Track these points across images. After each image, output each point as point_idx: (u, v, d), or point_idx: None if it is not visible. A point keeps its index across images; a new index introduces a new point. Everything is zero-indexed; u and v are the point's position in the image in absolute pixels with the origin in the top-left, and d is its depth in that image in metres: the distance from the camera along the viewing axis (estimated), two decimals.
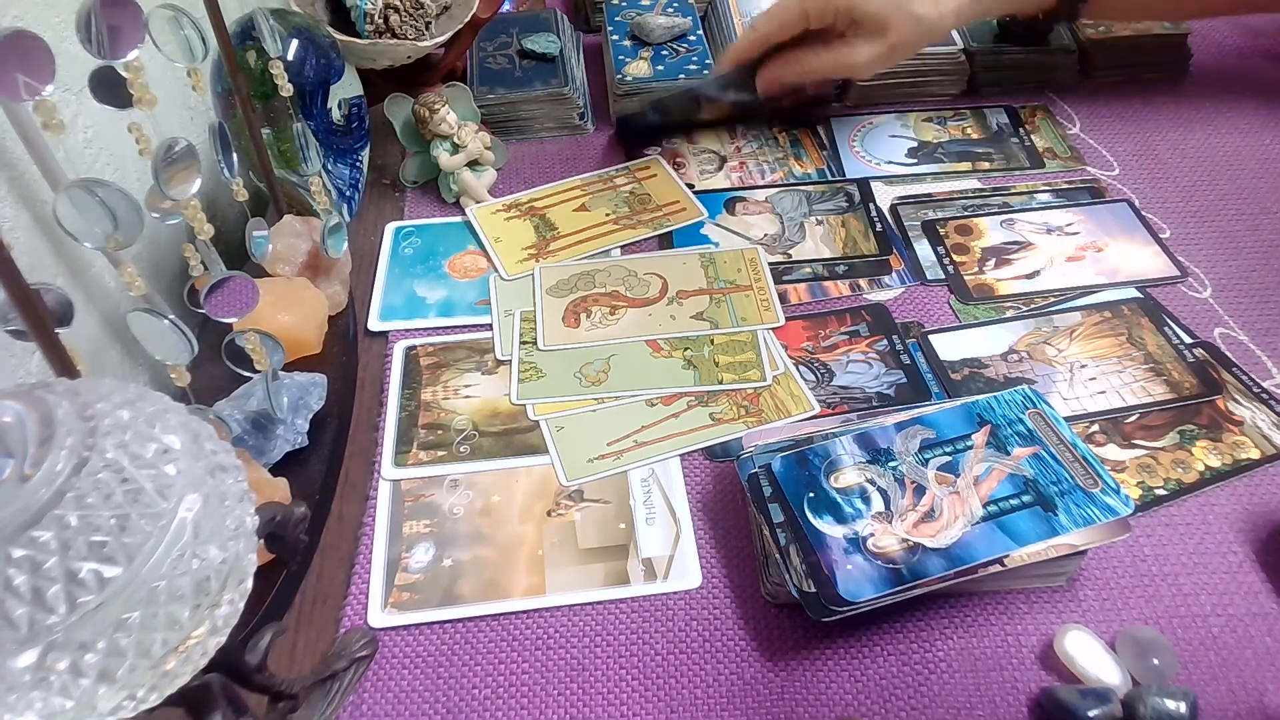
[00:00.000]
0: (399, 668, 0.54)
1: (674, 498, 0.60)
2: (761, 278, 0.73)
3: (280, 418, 0.60)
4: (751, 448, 0.56)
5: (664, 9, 0.94)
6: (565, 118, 0.89)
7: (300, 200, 0.74)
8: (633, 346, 0.68)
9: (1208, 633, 0.53)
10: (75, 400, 0.32)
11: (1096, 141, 0.84)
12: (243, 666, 0.43)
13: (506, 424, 0.65)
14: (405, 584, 0.57)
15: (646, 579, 0.56)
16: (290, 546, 0.46)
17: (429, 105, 0.79)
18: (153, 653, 0.31)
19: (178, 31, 0.54)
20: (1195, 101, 0.88)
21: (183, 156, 0.52)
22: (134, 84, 0.50)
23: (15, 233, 0.55)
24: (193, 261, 0.57)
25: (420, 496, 0.61)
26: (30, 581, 0.28)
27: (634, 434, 0.63)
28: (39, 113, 0.44)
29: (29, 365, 0.56)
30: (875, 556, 0.50)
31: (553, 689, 0.52)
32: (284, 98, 0.67)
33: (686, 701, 0.51)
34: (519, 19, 0.95)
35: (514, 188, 0.83)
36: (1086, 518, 0.51)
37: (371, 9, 0.82)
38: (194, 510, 0.32)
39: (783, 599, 0.54)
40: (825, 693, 0.51)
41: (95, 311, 0.63)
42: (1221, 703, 0.50)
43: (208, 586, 0.32)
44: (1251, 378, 0.64)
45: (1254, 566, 0.55)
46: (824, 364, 0.67)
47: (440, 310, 0.73)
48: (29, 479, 0.29)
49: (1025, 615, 0.54)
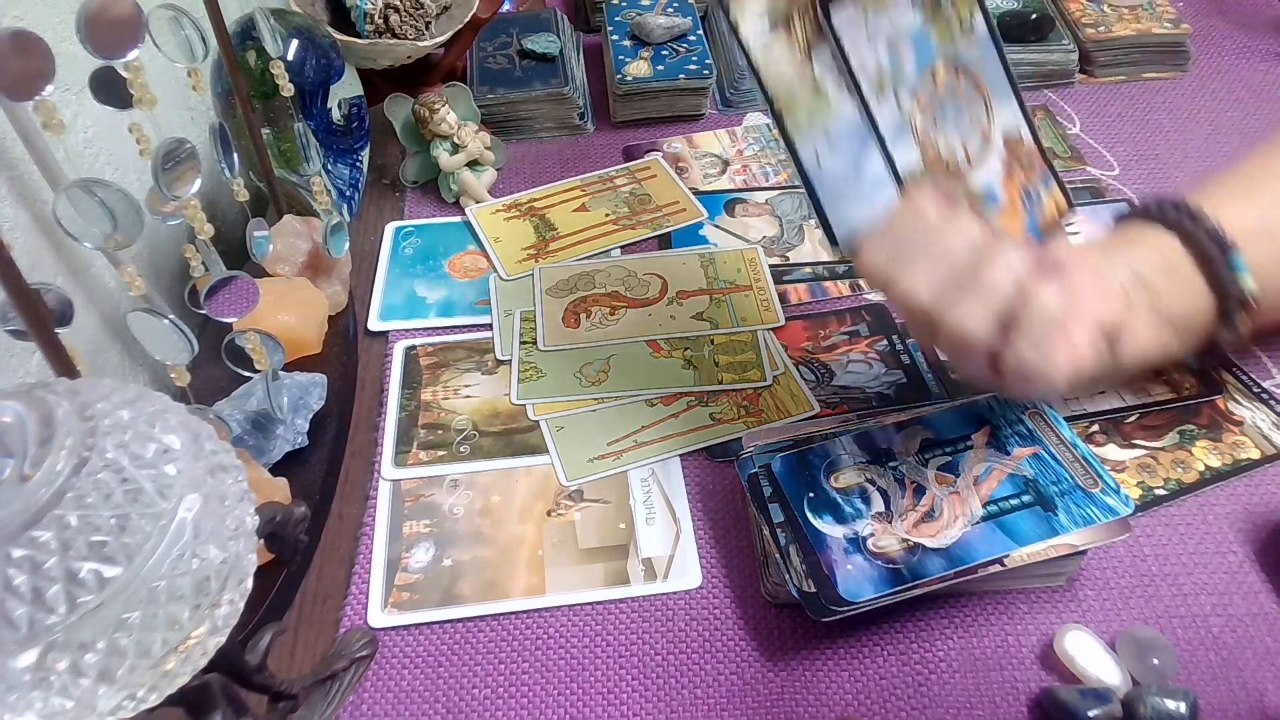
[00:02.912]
0: (399, 668, 0.54)
1: (674, 498, 0.60)
2: (761, 278, 0.73)
3: (280, 418, 0.60)
4: (751, 448, 0.56)
5: (664, 9, 0.94)
6: (565, 118, 0.89)
7: (300, 200, 0.74)
8: (633, 346, 0.68)
9: (1208, 633, 0.53)
10: (75, 400, 0.32)
11: (1096, 141, 0.84)
12: (243, 666, 0.43)
13: (506, 424, 0.65)
14: (405, 584, 0.57)
15: (646, 579, 0.56)
16: (290, 546, 0.46)
17: (429, 105, 0.79)
18: (153, 653, 0.31)
19: (178, 31, 0.54)
20: (1195, 101, 0.88)
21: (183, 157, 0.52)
22: (134, 84, 0.50)
23: (15, 233, 0.55)
24: (193, 261, 0.57)
25: (420, 496, 0.61)
26: (30, 581, 0.28)
27: (634, 434, 0.63)
28: (39, 113, 0.44)
29: (29, 365, 0.56)
30: (875, 556, 0.50)
31: (553, 689, 0.52)
32: (284, 98, 0.67)
33: (686, 701, 0.51)
34: (519, 19, 0.95)
35: (514, 188, 0.83)
36: (1086, 518, 0.51)
37: (371, 9, 0.82)
38: (194, 510, 0.32)
39: (783, 599, 0.54)
40: (825, 693, 0.51)
41: (95, 311, 0.63)
42: (1221, 703, 0.50)
43: (208, 586, 0.32)
44: (1251, 378, 0.64)
45: (1254, 566, 0.55)
46: (824, 364, 0.67)
47: (440, 310, 0.73)
48: (29, 479, 0.29)
49: (1025, 615, 0.54)
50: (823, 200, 0.43)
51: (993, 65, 0.45)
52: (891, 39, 0.42)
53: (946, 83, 0.44)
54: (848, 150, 0.43)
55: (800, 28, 0.41)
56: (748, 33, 0.41)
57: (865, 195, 0.43)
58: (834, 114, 0.42)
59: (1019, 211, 0.47)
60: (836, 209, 0.43)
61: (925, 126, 0.44)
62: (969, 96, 0.45)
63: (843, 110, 0.42)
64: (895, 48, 0.42)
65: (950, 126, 0.44)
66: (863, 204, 0.43)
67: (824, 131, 0.42)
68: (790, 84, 0.41)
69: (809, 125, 0.42)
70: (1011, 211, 0.46)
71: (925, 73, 0.43)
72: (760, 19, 0.40)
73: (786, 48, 0.41)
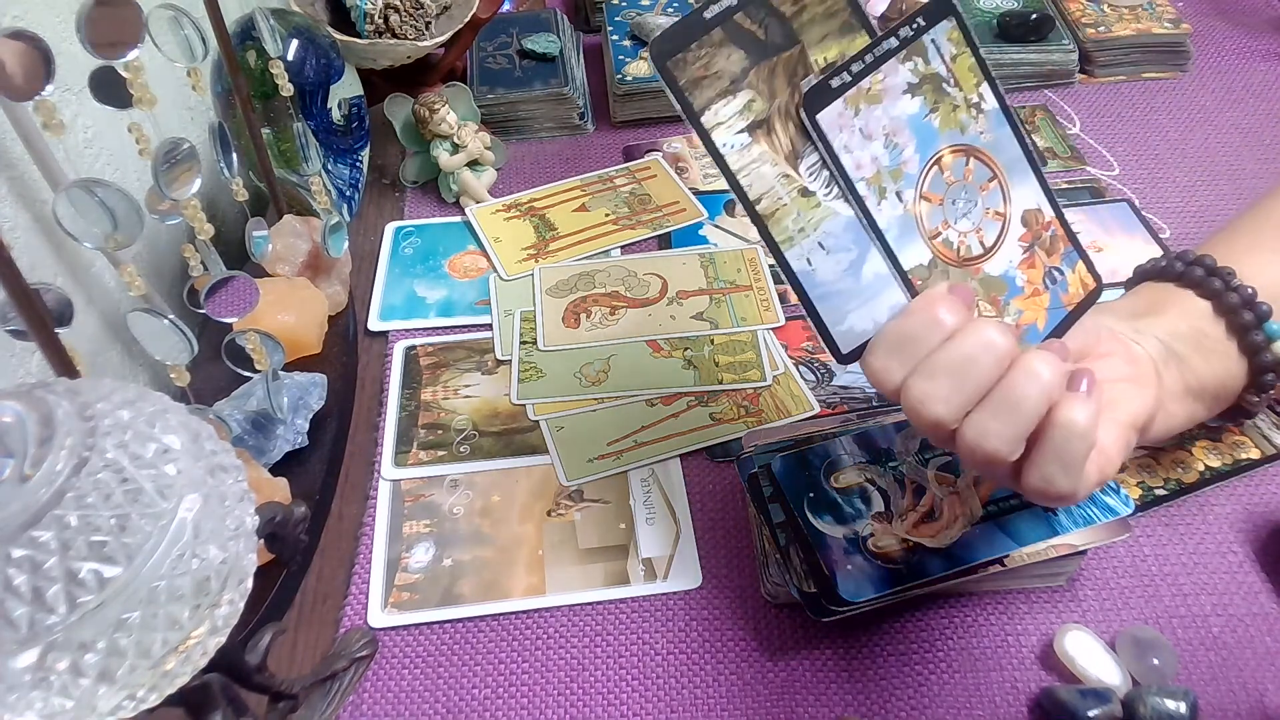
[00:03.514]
0: (399, 668, 0.54)
1: (674, 498, 0.60)
2: (761, 278, 0.73)
3: (280, 418, 0.60)
4: (751, 448, 0.56)
5: (664, 9, 0.94)
6: (565, 118, 0.89)
7: (300, 200, 0.74)
8: (633, 346, 0.68)
9: (1208, 633, 0.53)
10: (75, 400, 0.32)
11: (1096, 141, 0.84)
12: (243, 666, 0.43)
13: (506, 424, 0.65)
14: (405, 584, 0.57)
15: (646, 579, 0.56)
16: (290, 546, 0.46)
17: (429, 105, 0.79)
18: (153, 653, 0.31)
19: (178, 31, 0.54)
20: (1195, 101, 0.88)
21: (183, 157, 0.52)
22: (134, 84, 0.50)
23: (15, 233, 0.55)
24: (193, 261, 0.57)
25: (420, 496, 0.61)
26: (30, 581, 0.28)
27: (634, 434, 0.63)
28: (39, 113, 0.44)
29: (29, 365, 0.56)
30: (875, 556, 0.50)
31: (553, 689, 0.52)
32: (284, 98, 0.67)
33: (686, 701, 0.51)
34: (519, 19, 0.95)
35: (514, 188, 0.83)
36: (1086, 518, 0.51)
37: (371, 9, 0.82)
38: (194, 510, 0.32)
39: (783, 599, 0.54)
40: (825, 693, 0.51)
41: (95, 311, 0.63)
42: (1221, 703, 0.50)
43: (208, 586, 0.32)
44: None
45: (1254, 566, 0.55)
46: (824, 364, 0.67)
47: (440, 310, 0.73)
48: (29, 479, 0.29)
49: (1025, 615, 0.54)
50: (817, 304, 0.39)
51: (1007, 141, 0.42)
52: (889, 131, 0.39)
53: (955, 169, 0.40)
54: (843, 250, 0.39)
55: (782, 131, 0.38)
56: (723, 140, 0.37)
57: (866, 294, 0.40)
58: (826, 215, 0.39)
59: (1041, 295, 0.43)
60: (833, 311, 0.40)
61: (933, 219, 0.40)
62: (981, 180, 0.41)
63: (835, 210, 0.39)
64: (893, 140, 0.39)
65: (962, 216, 0.41)
66: (863, 304, 0.40)
67: (815, 235, 0.39)
68: (774, 190, 0.38)
69: (798, 230, 0.39)
70: (1033, 295, 0.43)
71: (930, 162, 0.40)
72: (736, 125, 0.37)
73: (768, 152, 0.38)
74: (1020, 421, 0.37)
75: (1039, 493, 0.38)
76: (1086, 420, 0.37)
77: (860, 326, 0.40)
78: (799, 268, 0.39)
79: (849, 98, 0.38)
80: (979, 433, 0.37)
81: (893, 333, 0.39)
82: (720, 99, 0.37)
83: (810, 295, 0.39)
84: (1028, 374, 0.37)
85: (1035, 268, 0.42)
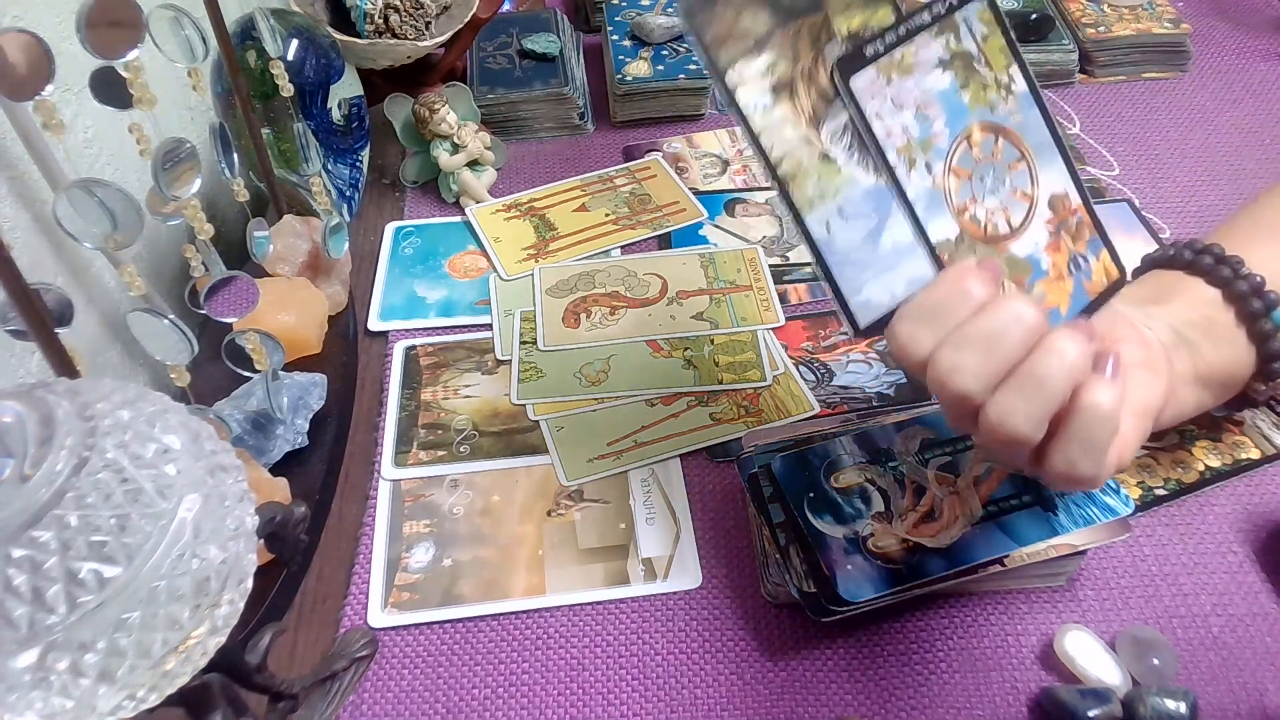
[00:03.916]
0: (399, 668, 0.54)
1: (674, 498, 0.60)
2: (761, 278, 0.73)
3: (280, 418, 0.60)
4: (751, 448, 0.56)
5: (664, 9, 0.94)
6: (565, 118, 0.89)
7: (300, 200, 0.74)
8: (633, 346, 0.68)
9: (1208, 633, 0.53)
10: (75, 400, 0.32)
11: (1096, 141, 0.84)
12: (243, 666, 0.43)
13: (506, 424, 0.65)
14: (405, 584, 0.57)
15: (646, 579, 0.56)
16: (290, 546, 0.46)
17: (429, 105, 0.79)
18: (153, 653, 0.31)
19: (178, 31, 0.54)
20: (1195, 101, 0.88)
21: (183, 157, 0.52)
22: (134, 84, 0.50)
23: (15, 233, 0.55)
24: (193, 261, 0.57)
25: (420, 496, 0.61)
26: (30, 581, 0.28)
27: (634, 434, 0.63)
28: (39, 113, 0.44)
29: (29, 365, 0.56)
30: (875, 556, 0.50)
31: (553, 689, 0.52)
32: (284, 98, 0.67)
33: (686, 701, 0.51)
34: (519, 19, 0.95)
35: (514, 188, 0.83)
36: (1086, 518, 0.51)
37: (371, 9, 0.82)
38: (194, 510, 0.32)
39: (783, 599, 0.54)
40: (825, 693, 0.51)
41: (95, 311, 0.63)
42: (1221, 703, 0.50)
43: (208, 586, 0.32)
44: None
45: (1254, 566, 0.55)
46: (824, 364, 0.67)
47: (440, 310, 0.73)
48: (29, 479, 0.29)
49: (1025, 615, 0.54)
50: (834, 271, 0.39)
51: (1035, 125, 0.42)
52: (919, 103, 0.39)
53: (984, 146, 0.40)
54: (862, 218, 0.39)
55: (805, 94, 0.38)
56: (746, 100, 0.37)
57: (883, 265, 0.40)
58: (846, 182, 0.39)
59: (1065, 280, 0.43)
60: (850, 279, 0.39)
61: (962, 195, 0.40)
62: (1010, 159, 0.41)
63: (856, 177, 0.39)
64: (924, 113, 0.39)
65: (989, 193, 0.41)
66: (880, 274, 0.40)
67: (835, 200, 0.39)
68: (796, 153, 0.38)
69: (818, 195, 0.39)
70: (1057, 280, 0.43)
71: (960, 138, 0.40)
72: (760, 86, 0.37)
73: (790, 115, 0.38)
74: (1045, 400, 0.37)
75: (1062, 476, 0.38)
76: (1111, 404, 0.37)
77: (877, 299, 0.40)
78: (818, 234, 0.39)
79: (881, 66, 0.38)
80: (1003, 411, 0.37)
81: (922, 302, 0.38)
82: (744, 58, 0.37)
83: (828, 262, 0.39)
84: (1053, 351, 0.37)
85: (1060, 252, 0.43)
